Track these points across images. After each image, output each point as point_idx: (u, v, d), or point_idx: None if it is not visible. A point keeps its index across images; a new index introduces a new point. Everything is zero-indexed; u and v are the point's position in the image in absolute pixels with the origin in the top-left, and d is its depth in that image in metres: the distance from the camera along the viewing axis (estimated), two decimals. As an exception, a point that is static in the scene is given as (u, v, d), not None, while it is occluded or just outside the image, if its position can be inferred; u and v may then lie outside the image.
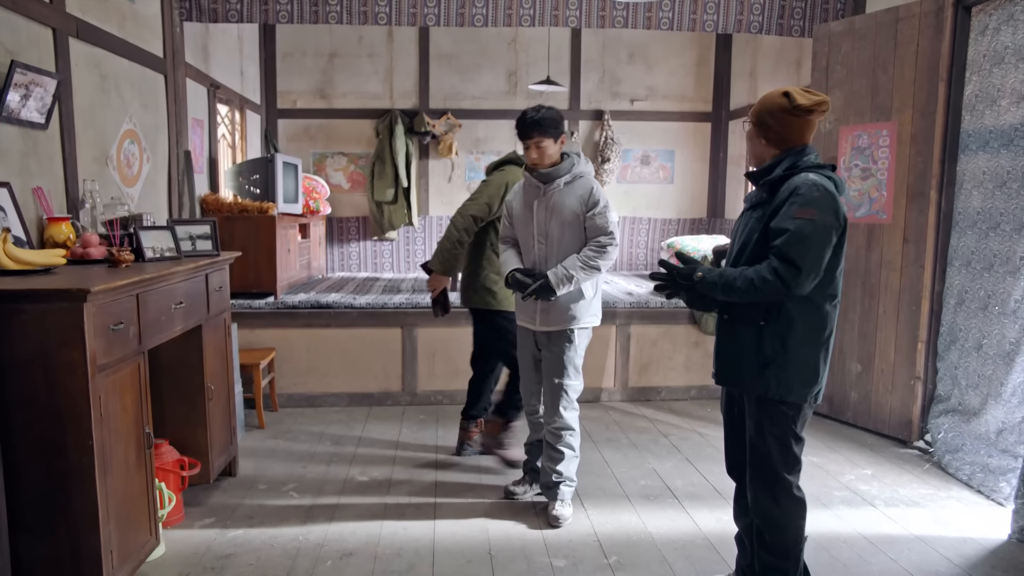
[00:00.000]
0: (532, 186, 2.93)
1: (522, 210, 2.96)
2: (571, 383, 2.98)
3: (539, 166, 2.88)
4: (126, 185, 3.68)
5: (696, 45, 6.72)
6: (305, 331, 4.56)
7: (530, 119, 2.85)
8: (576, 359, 2.97)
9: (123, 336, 2.25)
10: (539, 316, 2.94)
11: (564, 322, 2.93)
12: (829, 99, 2.13)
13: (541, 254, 2.92)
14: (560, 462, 3.02)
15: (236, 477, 3.42)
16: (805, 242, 2.00)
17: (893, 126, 3.96)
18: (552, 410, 3.01)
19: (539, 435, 3.14)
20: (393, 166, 6.36)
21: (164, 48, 4.12)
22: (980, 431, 3.44)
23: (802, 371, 2.10)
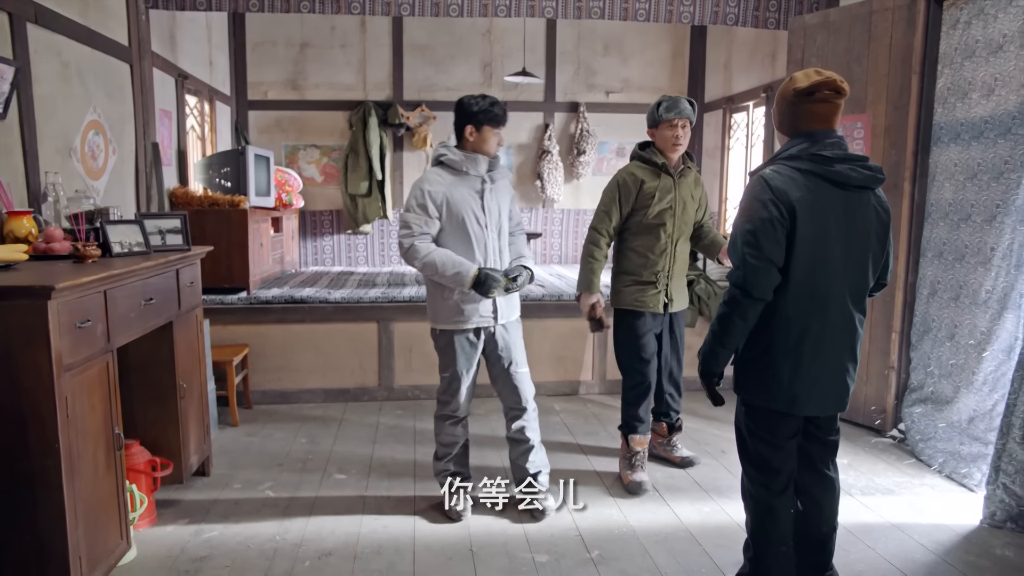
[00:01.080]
0: (476, 177, 2.82)
1: (469, 202, 2.80)
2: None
3: (491, 155, 2.85)
4: (91, 178, 3.56)
5: (671, 37, 6.73)
6: (279, 327, 4.48)
7: (505, 108, 2.83)
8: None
9: (90, 334, 2.17)
10: (502, 309, 2.89)
11: (518, 308, 3.00)
12: (837, 78, 1.96)
13: (495, 245, 2.87)
14: (537, 451, 3.03)
15: (210, 477, 3.34)
16: (736, 241, 1.98)
17: (867, 118, 3.99)
18: (529, 398, 3.00)
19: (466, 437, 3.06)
20: (367, 159, 6.27)
21: (129, 36, 3.99)
22: (952, 419, 3.50)
23: (759, 374, 2.06)
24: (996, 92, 3.29)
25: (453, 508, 2.91)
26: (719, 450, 3.75)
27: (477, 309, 2.84)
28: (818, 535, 2.21)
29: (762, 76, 5.60)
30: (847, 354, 2.05)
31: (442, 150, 2.85)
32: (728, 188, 6.31)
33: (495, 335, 2.91)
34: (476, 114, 2.77)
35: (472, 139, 2.80)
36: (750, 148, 5.91)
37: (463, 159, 2.80)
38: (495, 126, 2.78)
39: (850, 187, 1.96)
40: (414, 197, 2.81)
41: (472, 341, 2.89)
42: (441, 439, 3.01)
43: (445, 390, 2.95)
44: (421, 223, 2.77)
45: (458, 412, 2.95)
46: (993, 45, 3.32)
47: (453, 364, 2.89)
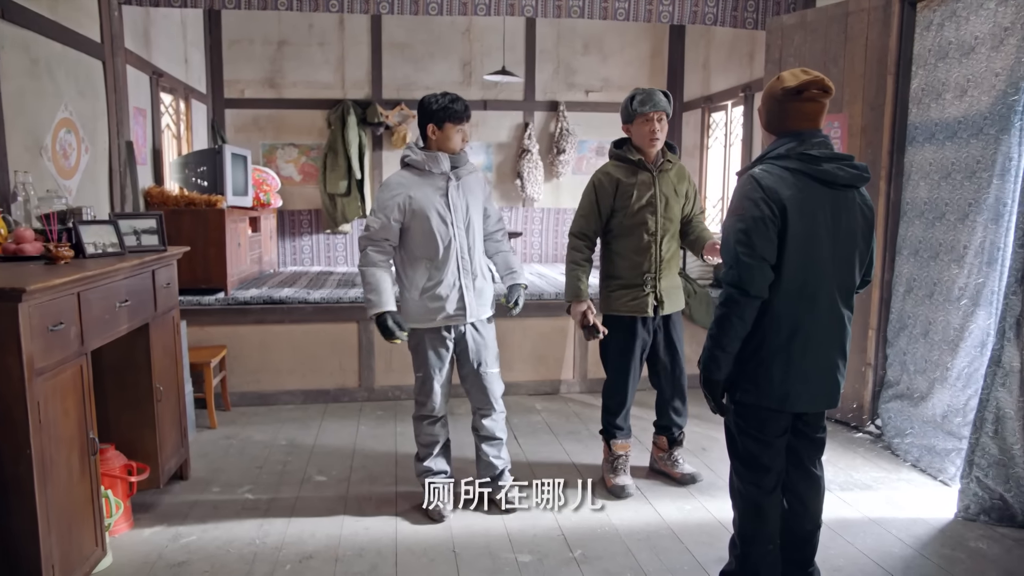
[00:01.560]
0: (439, 175, 2.81)
1: (433, 201, 2.78)
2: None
3: (455, 151, 2.84)
4: (63, 177, 3.49)
5: (650, 37, 6.76)
6: (257, 327, 4.43)
7: (467, 104, 2.83)
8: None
9: (63, 337, 2.12)
10: (471, 307, 2.86)
11: (489, 308, 2.98)
12: (824, 77, 1.99)
13: (462, 247, 2.85)
14: (504, 447, 3.06)
15: (188, 480, 3.30)
16: (728, 241, 1.99)
17: (844, 118, 4.04)
18: (497, 398, 3.00)
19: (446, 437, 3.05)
20: (346, 157, 6.22)
21: (102, 32, 3.92)
22: (927, 415, 3.55)
23: (750, 372, 2.06)
24: (969, 93, 3.35)
25: (435, 509, 2.90)
26: (700, 447, 3.77)
27: (444, 307, 2.83)
28: (802, 533, 2.23)
29: (740, 76, 5.64)
30: (837, 351, 2.06)
31: (406, 151, 2.86)
32: (707, 187, 6.35)
33: (465, 335, 2.90)
34: (436, 112, 2.76)
35: (435, 137, 2.80)
36: (729, 147, 5.96)
37: (424, 158, 2.80)
38: (456, 123, 2.77)
39: (837, 186, 1.98)
40: (377, 200, 2.84)
41: (443, 340, 2.88)
42: (420, 439, 2.99)
43: (420, 390, 2.94)
44: (379, 227, 2.79)
45: (435, 412, 2.94)
46: (965, 47, 3.38)
47: (425, 364, 2.88)
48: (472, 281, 2.87)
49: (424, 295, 2.82)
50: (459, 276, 2.84)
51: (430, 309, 2.83)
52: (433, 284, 2.82)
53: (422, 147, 2.85)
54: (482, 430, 3.01)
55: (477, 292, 2.89)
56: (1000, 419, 2.95)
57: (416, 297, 2.84)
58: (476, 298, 2.89)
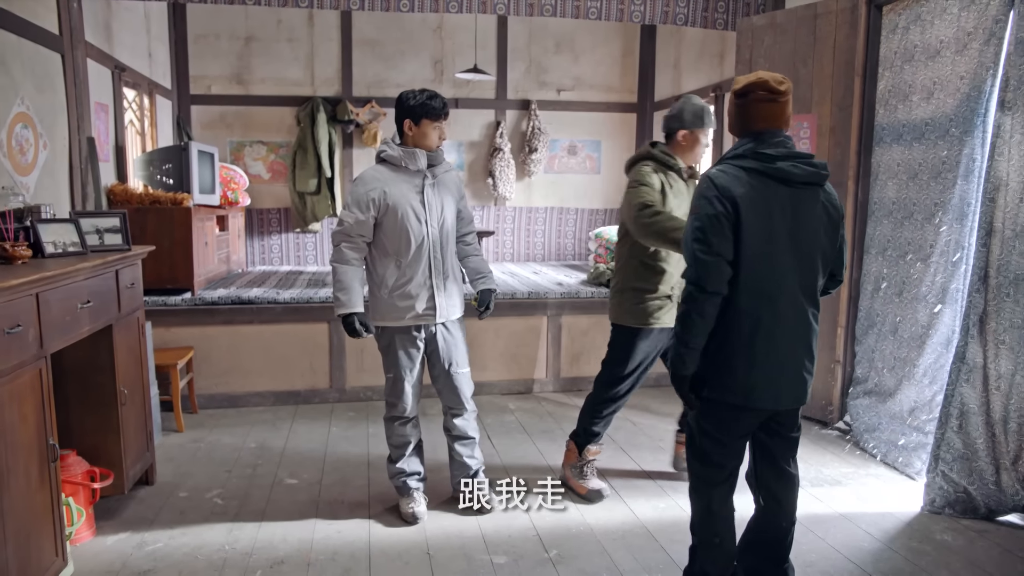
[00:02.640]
0: (415, 172, 2.78)
1: (408, 198, 2.74)
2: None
3: (432, 149, 2.80)
4: (19, 174, 3.37)
5: (621, 36, 6.78)
6: (226, 328, 4.34)
7: (447, 100, 2.80)
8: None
9: (21, 340, 2.05)
10: (441, 308, 2.82)
11: (459, 307, 2.95)
12: (771, 78, 2.01)
13: (435, 245, 2.81)
14: (477, 447, 3.03)
15: (154, 485, 3.21)
16: (687, 239, 2.01)
17: (813, 118, 4.09)
18: (468, 398, 2.97)
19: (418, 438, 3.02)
20: (315, 155, 6.13)
21: (60, 24, 3.79)
22: (895, 411, 3.62)
23: (715, 367, 2.06)
24: (935, 96, 3.41)
25: (409, 511, 2.86)
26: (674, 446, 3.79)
27: (413, 307, 2.79)
28: (777, 530, 2.24)
29: (711, 76, 5.69)
30: (801, 347, 2.06)
31: (382, 146, 2.83)
32: (678, 186, 6.39)
33: (436, 335, 2.87)
34: (414, 108, 2.73)
35: (411, 133, 2.77)
36: (699, 147, 5.99)
37: (401, 155, 2.76)
38: (434, 119, 2.74)
39: (795, 184, 1.99)
40: (351, 194, 2.78)
41: (414, 340, 2.84)
42: (392, 441, 2.95)
43: (391, 391, 2.90)
44: (353, 223, 2.75)
45: (406, 413, 2.90)
46: (931, 50, 3.44)
47: (396, 364, 2.85)
48: (443, 281, 2.84)
49: (394, 293, 2.78)
50: (430, 275, 2.80)
51: (399, 308, 2.79)
52: (403, 282, 2.78)
53: (399, 143, 2.81)
54: (454, 430, 2.98)
55: (447, 292, 2.86)
56: (964, 414, 3.01)
57: (385, 295, 2.80)
58: (446, 298, 2.86)
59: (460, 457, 2.99)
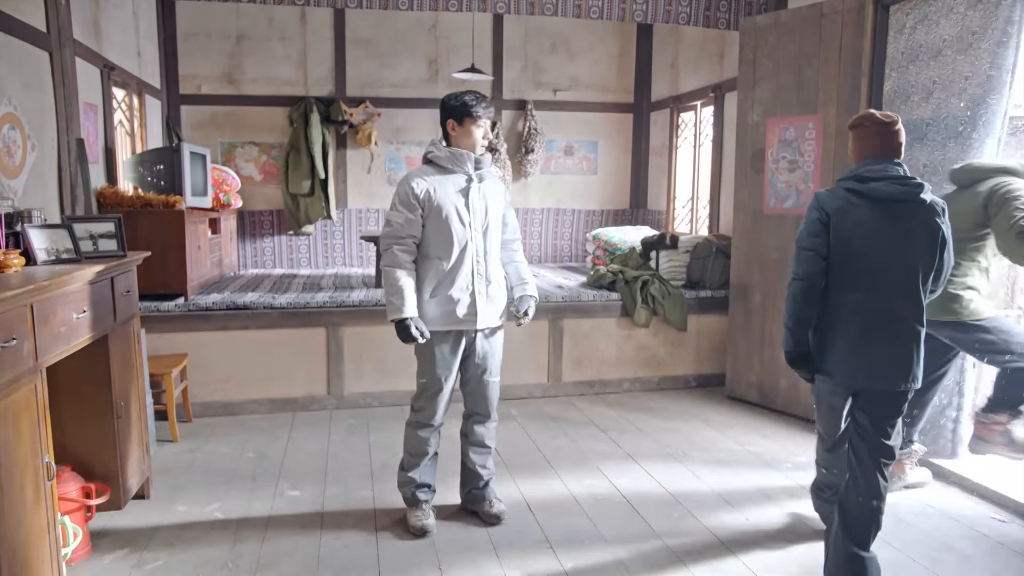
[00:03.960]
0: (461, 174, 2.73)
1: (453, 200, 2.69)
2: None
3: (475, 150, 2.74)
4: (7, 177, 3.24)
5: (618, 36, 6.72)
6: (220, 334, 4.23)
7: (490, 102, 2.75)
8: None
9: (15, 354, 1.94)
10: (482, 314, 2.76)
11: (501, 315, 2.89)
12: (874, 114, 2.40)
13: (478, 250, 2.75)
14: (490, 457, 2.97)
15: (150, 499, 3.10)
16: (796, 240, 2.47)
17: (818, 119, 4.05)
18: (495, 407, 2.92)
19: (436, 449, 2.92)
20: (309, 156, 6.02)
21: (47, 21, 3.66)
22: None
23: (817, 352, 2.44)
24: (934, 95, 3.38)
25: (418, 524, 2.78)
26: (680, 451, 3.73)
27: (454, 311, 2.72)
28: (855, 506, 2.36)
29: (710, 76, 5.64)
30: (883, 337, 2.31)
31: (429, 147, 2.77)
32: (676, 187, 6.35)
33: (475, 341, 2.80)
34: (457, 108, 2.69)
35: (455, 134, 2.72)
36: (698, 147, 5.95)
37: (448, 155, 2.71)
38: (477, 119, 2.69)
39: (885, 200, 2.31)
40: (398, 194, 2.71)
41: (453, 346, 2.77)
42: (410, 448, 2.86)
43: (420, 395, 2.80)
44: (403, 222, 2.68)
45: (433, 420, 2.81)
46: (934, 50, 3.41)
47: (432, 370, 2.75)
48: (486, 287, 2.77)
49: (435, 297, 2.71)
50: (472, 280, 2.73)
51: (441, 312, 2.72)
52: (445, 286, 2.71)
53: (445, 144, 2.77)
54: (472, 436, 2.90)
55: (490, 298, 2.79)
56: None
57: (426, 298, 2.72)
58: (488, 304, 2.79)
59: (473, 466, 2.91)
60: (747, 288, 4.52)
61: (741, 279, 4.56)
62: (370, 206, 6.45)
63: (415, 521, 2.78)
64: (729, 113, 5.33)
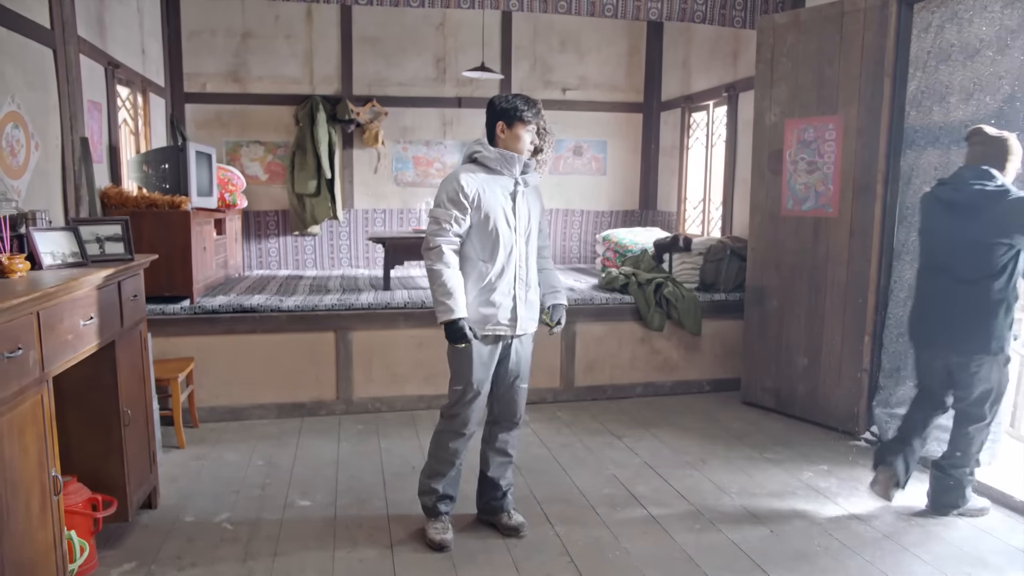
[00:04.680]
0: (509, 178, 2.64)
1: (501, 203, 2.61)
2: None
3: (522, 153, 2.67)
4: (10, 177, 3.16)
5: (627, 34, 6.63)
6: (227, 338, 4.14)
7: (540, 106, 2.66)
8: None
9: (21, 364, 1.85)
10: (522, 320, 2.69)
11: (536, 321, 2.83)
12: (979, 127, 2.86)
13: (522, 251, 2.69)
14: (511, 467, 2.90)
15: (157, 509, 3.01)
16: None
17: (839, 120, 3.96)
18: (523, 413, 2.86)
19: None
20: (315, 156, 5.93)
21: (51, 18, 3.57)
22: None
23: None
24: (975, 96, 3.29)
25: (437, 538, 2.69)
26: (698, 459, 3.65)
27: (496, 316, 2.65)
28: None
29: (723, 75, 5.56)
30: (943, 317, 2.89)
31: (476, 147, 2.67)
32: (687, 188, 6.26)
33: (511, 347, 2.73)
34: (507, 111, 2.61)
35: (504, 136, 2.63)
36: (711, 147, 5.87)
37: (498, 157, 2.62)
38: (527, 123, 2.61)
39: (950, 202, 2.84)
40: (445, 191, 2.61)
41: (491, 351, 2.69)
42: (438, 456, 2.77)
43: (455, 403, 2.71)
44: (451, 220, 2.58)
45: (466, 429, 2.72)
46: (970, 49, 3.32)
47: (468, 376, 2.66)
48: (526, 292, 2.71)
49: (477, 301, 2.63)
50: (515, 285, 2.66)
51: (482, 316, 2.63)
52: (488, 290, 2.63)
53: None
54: (496, 442, 2.83)
55: (528, 304, 2.73)
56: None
57: (468, 302, 2.63)
58: (527, 310, 2.72)
59: (493, 475, 2.83)
60: (763, 291, 4.43)
61: (757, 282, 4.47)
62: (377, 207, 6.36)
63: (434, 535, 2.69)
64: (743, 113, 5.24)
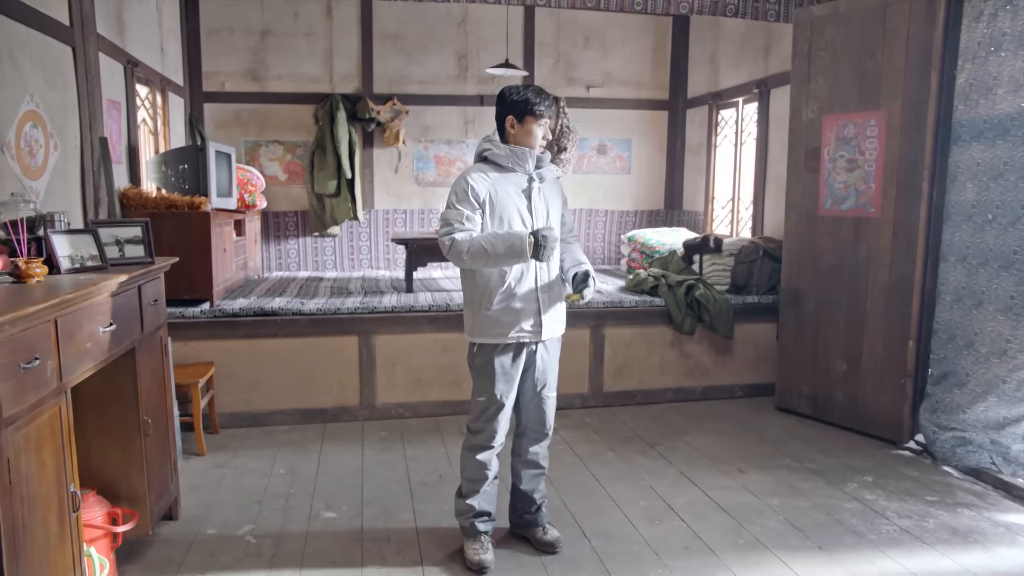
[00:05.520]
0: (522, 174, 2.52)
1: (515, 201, 2.49)
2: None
3: (534, 148, 2.53)
4: (29, 178, 3.07)
5: (653, 30, 6.48)
6: (248, 342, 4.04)
7: (553, 97, 2.52)
8: None
9: (38, 375, 1.75)
10: (547, 324, 2.55)
11: (563, 323, 2.68)
12: None
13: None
14: (544, 479, 2.77)
15: (178, 520, 2.92)
16: None
17: (881, 115, 3.79)
18: (551, 423, 2.71)
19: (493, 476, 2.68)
20: (335, 156, 5.83)
21: (71, 15, 3.49)
22: (978, 428, 3.33)
23: None
24: (1028, 88, 3.12)
25: (476, 559, 2.55)
26: (736, 469, 3.50)
27: (518, 322, 2.50)
28: None
29: (754, 71, 5.39)
30: None
31: (486, 144, 2.54)
32: (715, 187, 6.10)
33: (536, 354, 2.58)
34: (517, 104, 2.48)
35: (514, 131, 2.51)
36: (740, 145, 5.70)
37: (508, 154, 2.49)
38: (538, 117, 2.48)
39: None
40: (454, 192, 2.49)
41: (514, 360, 2.55)
42: (468, 473, 2.64)
43: (479, 416, 2.58)
44: (462, 219, 2.44)
45: (493, 442, 2.59)
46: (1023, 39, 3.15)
47: (491, 387, 2.54)
48: (549, 295, 2.56)
49: (497, 307, 2.49)
50: (536, 288, 2.52)
51: (503, 323, 2.50)
52: (508, 295, 2.49)
53: (502, 141, 2.55)
54: (526, 455, 2.69)
55: (553, 307, 2.58)
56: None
57: (487, 310, 2.50)
58: (552, 314, 2.58)
59: (526, 488, 2.71)
60: (799, 294, 4.28)
61: (793, 284, 4.31)
62: (398, 207, 6.26)
63: (473, 555, 2.56)
64: (776, 110, 5.08)
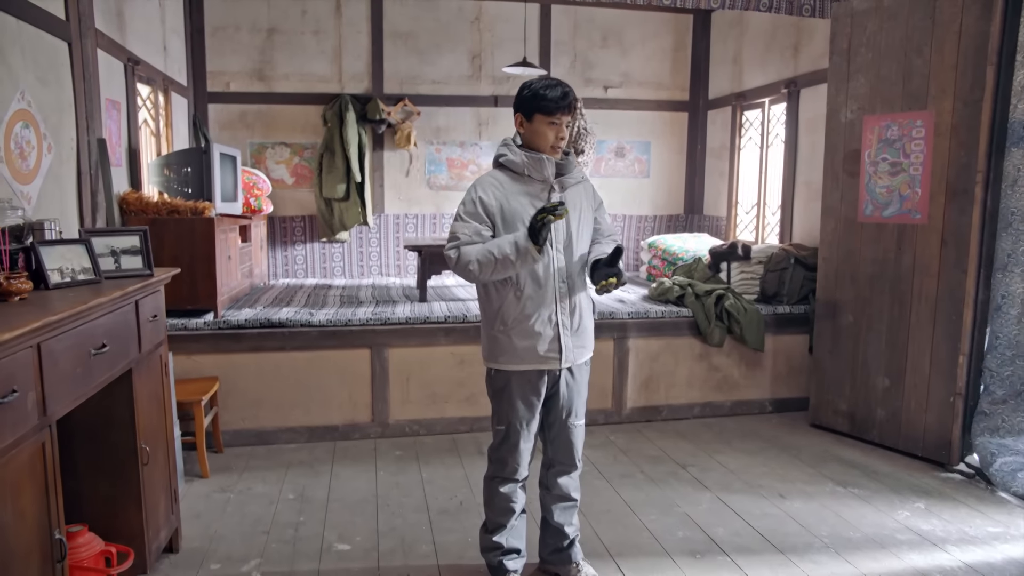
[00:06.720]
0: (540, 183, 2.27)
1: (530, 214, 2.19)
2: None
3: (556, 152, 2.28)
4: (19, 182, 2.85)
5: (672, 29, 6.25)
6: (253, 355, 3.82)
7: (570, 90, 2.23)
8: None
9: (17, 409, 1.53)
10: (568, 350, 2.31)
11: (590, 348, 2.43)
12: None
13: (562, 268, 2.30)
14: (576, 512, 2.53)
15: (179, 554, 2.69)
16: None
17: (929, 116, 3.56)
18: (580, 454, 2.48)
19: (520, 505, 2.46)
20: (344, 158, 5.61)
21: (67, 8, 3.28)
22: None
23: None
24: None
25: None
26: (775, 493, 3.26)
27: (535, 347, 2.26)
28: None
29: (781, 70, 5.16)
30: None
31: (502, 149, 2.30)
32: (739, 191, 5.86)
33: (559, 381, 2.34)
34: (525, 100, 2.22)
35: (523, 131, 2.26)
36: (766, 148, 5.47)
37: (524, 160, 2.24)
38: (549, 114, 2.19)
39: None
40: (463, 204, 2.26)
41: (535, 387, 2.31)
42: (493, 506, 2.41)
43: (499, 446, 2.36)
44: (470, 232, 2.22)
45: (516, 475, 2.37)
46: (1095, 31, 2.92)
47: (510, 415, 2.31)
48: (570, 317, 2.31)
49: (512, 330, 2.26)
50: (556, 309, 2.28)
51: (519, 348, 2.26)
52: (523, 317, 2.25)
53: (520, 145, 2.30)
54: (555, 488, 2.46)
55: (576, 331, 2.33)
56: None
57: (502, 332, 2.28)
58: (574, 338, 2.33)
59: (557, 522, 2.47)
60: (837, 305, 4.04)
61: (830, 294, 4.07)
62: (409, 212, 6.03)
63: None
64: (806, 111, 4.85)
